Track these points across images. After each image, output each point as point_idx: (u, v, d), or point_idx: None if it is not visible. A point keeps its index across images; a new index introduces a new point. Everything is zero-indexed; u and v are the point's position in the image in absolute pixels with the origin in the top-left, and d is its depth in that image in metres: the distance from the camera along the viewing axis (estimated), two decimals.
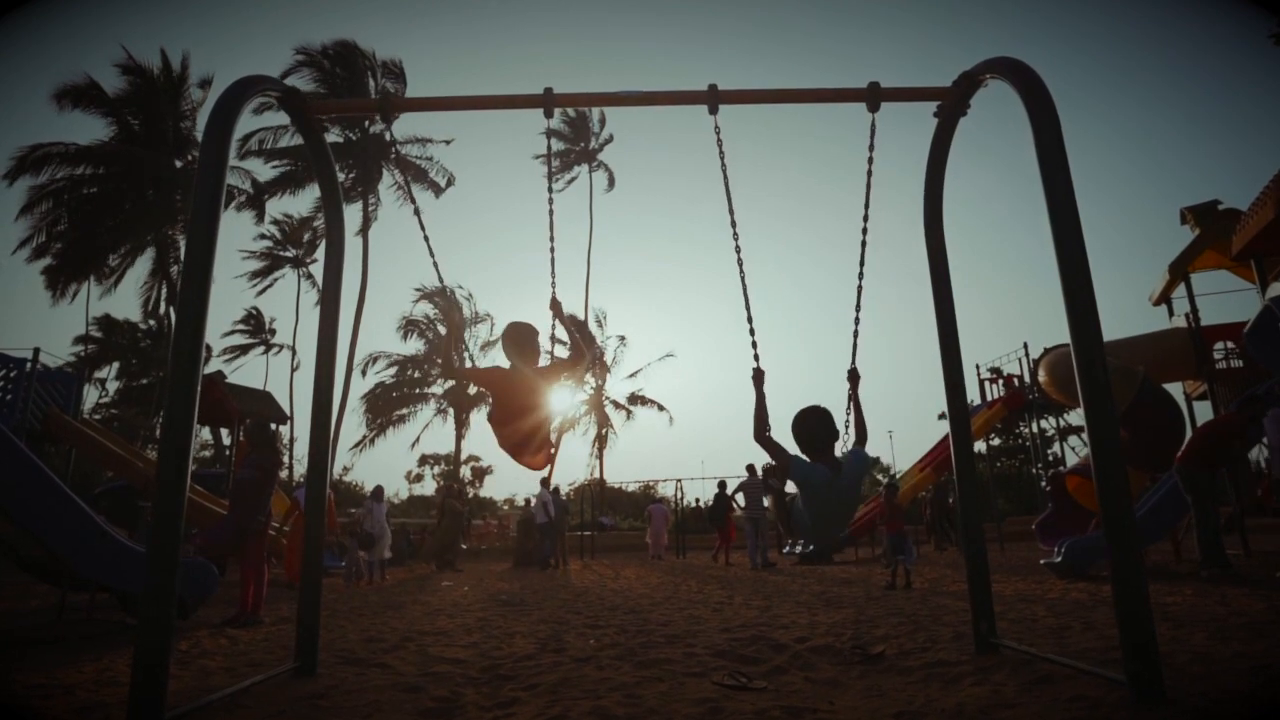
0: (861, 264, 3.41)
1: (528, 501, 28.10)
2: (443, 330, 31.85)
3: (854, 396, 3.30)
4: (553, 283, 3.68)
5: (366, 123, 25.50)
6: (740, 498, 13.37)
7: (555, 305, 3.66)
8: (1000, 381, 17.54)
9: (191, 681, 3.50)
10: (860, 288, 3.39)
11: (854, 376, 3.32)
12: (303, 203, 27.75)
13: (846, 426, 3.23)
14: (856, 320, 3.37)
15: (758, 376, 3.21)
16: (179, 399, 2.60)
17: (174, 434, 2.56)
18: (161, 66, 24.54)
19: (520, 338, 3.60)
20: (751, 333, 3.30)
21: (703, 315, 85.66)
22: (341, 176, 23.94)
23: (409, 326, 31.93)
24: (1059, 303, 2.73)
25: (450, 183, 28.23)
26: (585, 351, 3.76)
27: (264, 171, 26.08)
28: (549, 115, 3.35)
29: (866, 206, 3.43)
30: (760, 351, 3.28)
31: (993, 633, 3.58)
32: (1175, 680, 2.65)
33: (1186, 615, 4.43)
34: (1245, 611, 4.51)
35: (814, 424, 3.14)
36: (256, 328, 36.59)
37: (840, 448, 3.19)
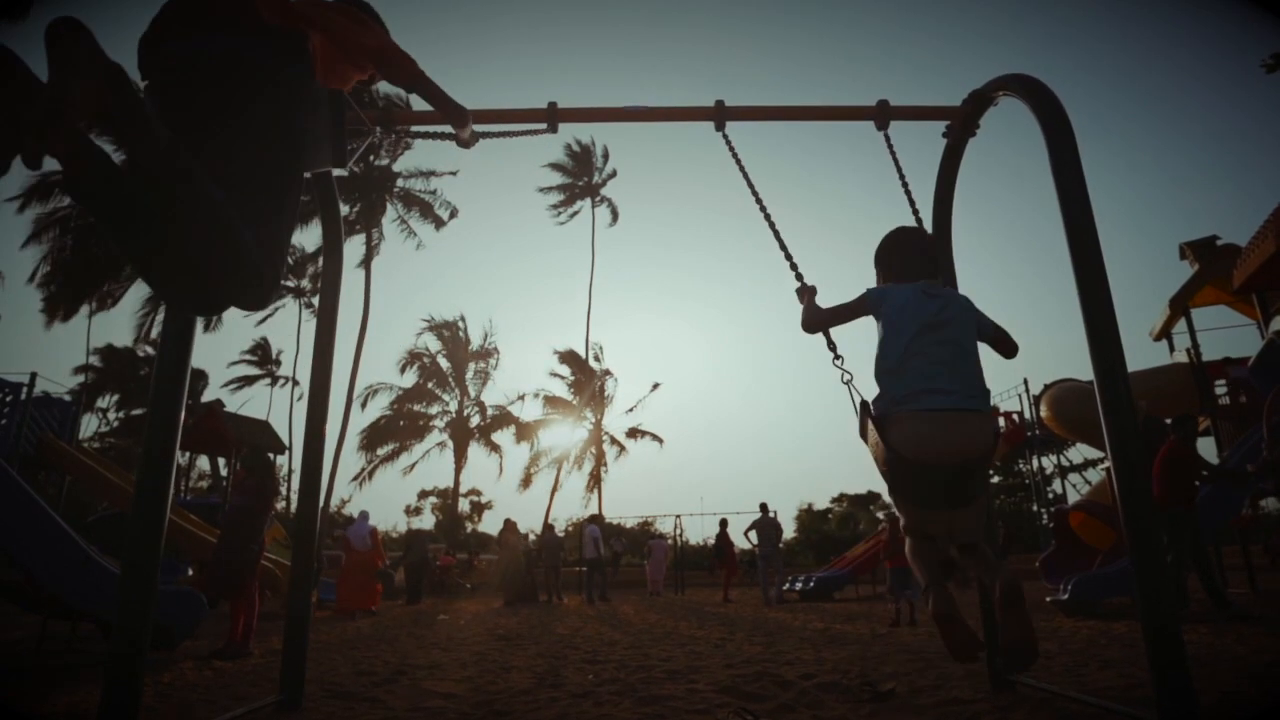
0: None
1: (526, 537, 27.72)
2: (444, 363, 31.63)
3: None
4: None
5: (371, 157, 25.74)
6: (754, 535, 13.14)
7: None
8: (999, 419, 17.38)
9: (171, 714, 3.34)
10: None
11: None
12: (309, 239, 27.91)
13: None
14: None
15: (802, 292, 2.72)
16: (165, 386, 2.48)
17: (157, 434, 2.44)
18: None
19: None
20: (788, 256, 2.90)
21: (705, 349, 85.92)
22: (345, 209, 24.08)
23: (411, 359, 31.82)
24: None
25: (453, 215, 28.46)
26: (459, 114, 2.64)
27: None
28: (553, 130, 3.32)
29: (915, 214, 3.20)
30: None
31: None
32: None
33: (1207, 655, 4.26)
34: (1269, 649, 4.35)
35: (890, 243, 2.54)
36: (263, 358, 36.53)
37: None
